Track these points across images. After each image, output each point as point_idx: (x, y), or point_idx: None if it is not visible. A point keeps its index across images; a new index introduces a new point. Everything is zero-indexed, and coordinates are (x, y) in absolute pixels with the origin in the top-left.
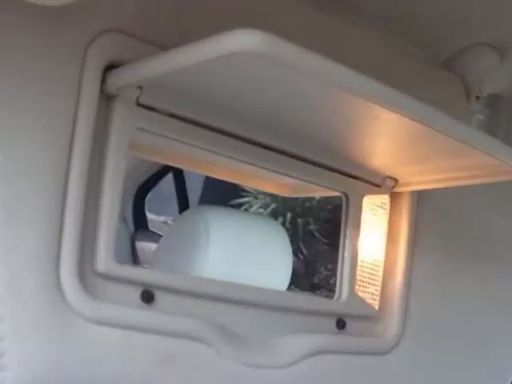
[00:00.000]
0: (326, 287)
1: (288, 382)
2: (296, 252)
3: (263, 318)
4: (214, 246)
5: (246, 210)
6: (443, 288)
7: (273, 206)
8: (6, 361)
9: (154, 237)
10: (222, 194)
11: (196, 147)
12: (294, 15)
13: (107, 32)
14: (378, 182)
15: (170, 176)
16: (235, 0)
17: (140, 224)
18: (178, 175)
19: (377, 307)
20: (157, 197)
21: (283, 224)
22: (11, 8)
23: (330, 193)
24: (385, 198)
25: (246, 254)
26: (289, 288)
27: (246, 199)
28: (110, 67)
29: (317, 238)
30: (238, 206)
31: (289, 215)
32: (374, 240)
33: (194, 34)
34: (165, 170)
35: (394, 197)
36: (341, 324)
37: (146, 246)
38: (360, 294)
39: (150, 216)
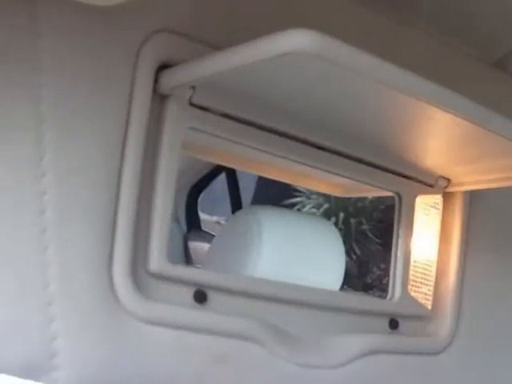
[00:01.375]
0: (378, 287)
1: (341, 381)
2: (349, 252)
3: (316, 318)
4: (266, 246)
5: (298, 210)
6: (496, 288)
7: (325, 206)
8: (59, 360)
9: (207, 237)
10: (275, 194)
11: (249, 147)
12: (348, 15)
13: (160, 32)
14: (430, 182)
15: (222, 176)
16: (287, 0)
17: (193, 224)
18: (231, 175)
19: (429, 307)
20: (210, 197)
21: (336, 224)
22: (64, 8)
23: (382, 193)
24: (437, 198)
25: (298, 254)
26: (341, 288)
27: (298, 199)
28: (162, 67)
29: (370, 238)
30: (291, 206)
31: (341, 215)
32: (426, 240)
33: (246, 34)
34: (218, 169)
35: (447, 197)
36: (393, 324)
37: (198, 246)
38: (413, 293)
39: (202, 216)
